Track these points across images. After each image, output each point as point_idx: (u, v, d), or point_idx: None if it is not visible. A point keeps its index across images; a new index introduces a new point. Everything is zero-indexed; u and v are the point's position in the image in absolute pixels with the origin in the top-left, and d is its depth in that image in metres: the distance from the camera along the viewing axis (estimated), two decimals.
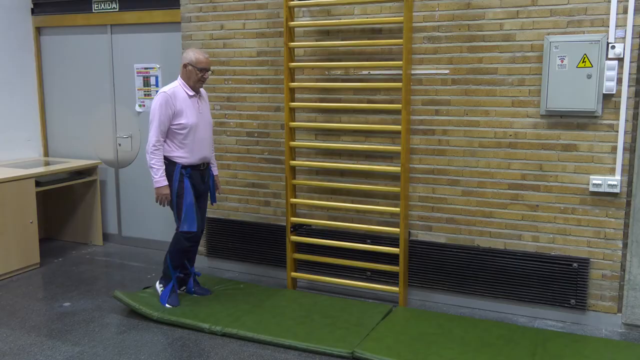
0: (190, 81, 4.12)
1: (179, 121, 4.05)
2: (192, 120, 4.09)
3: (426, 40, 4.23)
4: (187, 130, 4.07)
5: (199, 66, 4.08)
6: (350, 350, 3.58)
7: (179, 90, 4.10)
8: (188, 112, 4.08)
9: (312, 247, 4.69)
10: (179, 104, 4.05)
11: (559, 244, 4.03)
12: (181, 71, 4.14)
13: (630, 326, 3.92)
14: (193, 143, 4.12)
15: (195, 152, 4.14)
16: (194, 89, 4.14)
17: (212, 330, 3.90)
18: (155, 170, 4.06)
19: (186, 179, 4.12)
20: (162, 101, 4.03)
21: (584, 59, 3.79)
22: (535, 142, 4.01)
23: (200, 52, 4.12)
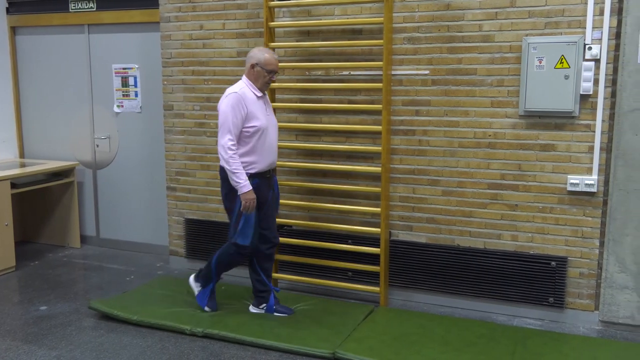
0: (257, 82, 3.85)
1: (251, 124, 3.76)
2: (263, 122, 3.81)
3: (406, 41, 4.25)
4: (258, 133, 3.79)
5: (268, 68, 3.82)
6: (332, 350, 3.57)
7: (248, 91, 3.82)
8: (259, 114, 3.80)
9: (293, 248, 4.67)
10: (249, 106, 3.77)
11: (537, 243, 4.07)
12: (247, 71, 3.86)
13: (607, 323, 3.98)
14: (263, 148, 3.84)
15: (265, 158, 3.87)
16: (260, 90, 3.88)
17: (193, 332, 3.86)
18: (239, 174, 3.73)
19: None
20: (234, 102, 3.73)
21: (561, 60, 3.84)
22: (514, 142, 4.05)
23: (269, 52, 3.86)
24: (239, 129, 3.75)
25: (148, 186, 5.61)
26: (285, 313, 4.09)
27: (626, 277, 3.86)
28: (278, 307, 4.12)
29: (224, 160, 3.73)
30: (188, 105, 5.04)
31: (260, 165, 3.86)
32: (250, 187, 3.76)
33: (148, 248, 5.66)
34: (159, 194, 5.47)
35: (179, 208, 5.20)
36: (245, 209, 3.79)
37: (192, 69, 4.99)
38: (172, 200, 5.23)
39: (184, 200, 5.17)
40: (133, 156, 5.66)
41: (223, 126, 3.74)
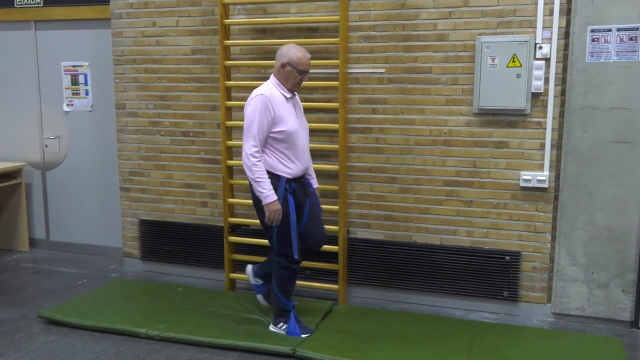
0: (287, 83, 3.59)
1: (279, 127, 3.52)
2: (293, 125, 3.57)
3: (362, 40, 4.26)
4: (288, 137, 3.55)
5: (300, 68, 3.55)
6: (291, 348, 3.55)
7: (276, 92, 3.56)
8: (287, 117, 3.55)
9: (250, 248, 4.63)
10: (277, 108, 3.52)
11: (492, 238, 4.15)
12: (277, 70, 3.60)
13: (559, 315, 4.09)
14: (296, 152, 3.61)
15: (299, 162, 3.64)
16: (290, 91, 3.64)
17: (149, 335, 3.78)
18: (262, 183, 3.48)
19: (290, 195, 3.62)
20: (261, 104, 3.48)
21: (513, 58, 3.93)
22: (468, 139, 4.12)
23: (301, 51, 3.58)
24: (264, 134, 3.51)
25: (100, 187, 5.46)
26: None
27: (577, 270, 3.98)
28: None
29: (247, 168, 3.51)
30: (141, 103, 4.93)
31: (294, 171, 3.63)
32: (276, 197, 3.50)
33: (101, 250, 5.52)
34: (111, 194, 5.33)
35: (133, 209, 5.09)
36: (270, 221, 3.55)
37: (145, 67, 4.88)
38: (125, 201, 5.11)
39: (138, 200, 5.06)
40: (84, 156, 5.50)
41: (248, 131, 3.50)
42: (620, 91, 3.75)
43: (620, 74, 3.74)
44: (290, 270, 3.72)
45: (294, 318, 3.76)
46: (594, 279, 3.95)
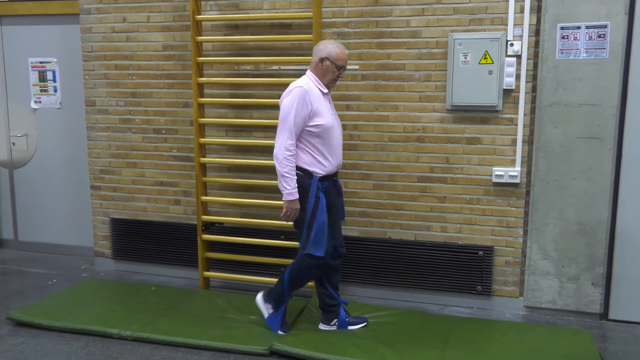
0: (325, 78, 3.51)
1: (316, 122, 3.43)
2: (329, 120, 3.48)
3: (336, 36, 4.26)
4: (324, 132, 3.47)
5: (339, 63, 3.48)
6: (267, 347, 3.54)
7: (313, 86, 3.48)
8: (324, 112, 3.47)
9: (225, 246, 4.60)
10: (315, 102, 3.43)
11: (465, 234, 4.19)
12: (314, 65, 3.52)
13: (530, 308, 4.15)
14: (330, 148, 3.52)
15: (333, 159, 3.55)
16: (327, 87, 3.55)
17: (121, 335, 3.73)
18: (289, 179, 3.40)
19: (322, 194, 3.51)
20: (299, 97, 3.39)
21: (485, 55, 3.97)
22: (441, 135, 4.14)
23: (340, 46, 3.51)
24: (300, 128, 3.42)
25: (70, 185, 5.36)
26: (359, 324, 3.79)
27: (548, 264, 4.04)
28: (351, 319, 3.81)
29: (277, 160, 3.40)
30: (112, 100, 4.85)
31: (328, 168, 3.54)
32: (297, 197, 3.44)
33: (71, 250, 5.42)
34: (82, 193, 5.24)
35: (104, 207, 5.00)
36: (285, 217, 3.49)
37: (115, 63, 4.80)
38: (96, 199, 5.02)
39: (109, 199, 4.98)
40: (53, 154, 5.39)
41: (283, 123, 3.41)
42: (589, 88, 3.81)
43: (589, 71, 3.80)
44: (311, 270, 3.60)
45: (281, 313, 3.70)
46: (564, 272, 4.01)
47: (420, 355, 3.42)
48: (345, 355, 3.42)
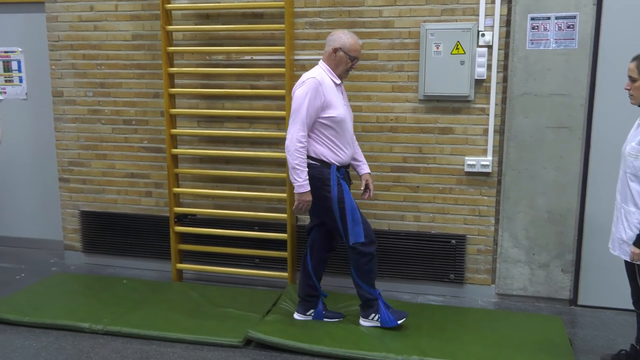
0: (337, 69, 3.46)
1: (329, 114, 3.39)
2: (342, 112, 3.45)
3: (308, 26, 4.23)
4: (337, 124, 3.43)
5: (352, 54, 3.44)
6: (240, 338, 3.52)
7: (326, 77, 3.44)
8: (337, 103, 3.43)
9: (198, 237, 4.56)
10: (327, 93, 3.39)
11: (438, 223, 4.23)
12: (327, 55, 3.47)
13: (502, 296, 4.21)
14: (343, 139, 3.49)
15: (347, 150, 3.53)
16: (339, 78, 3.51)
17: (92, 329, 3.67)
18: (300, 172, 3.35)
19: (343, 181, 3.48)
20: (312, 88, 3.34)
21: (457, 46, 3.99)
22: (414, 125, 4.16)
23: (353, 37, 3.46)
24: (312, 119, 3.38)
25: (37, 178, 5.24)
26: (335, 318, 3.76)
27: (519, 252, 4.10)
28: (327, 312, 3.78)
29: (289, 152, 3.35)
30: (80, 91, 4.75)
31: (343, 158, 3.51)
32: (308, 189, 3.38)
33: (40, 244, 5.31)
34: (50, 186, 5.13)
35: (74, 200, 4.91)
36: (298, 210, 3.44)
37: (83, 53, 4.70)
38: (65, 192, 4.92)
39: (78, 192, 4.89)
40: (19, 146, 5.25)
41: (295, 114, 3.36)
42: (559, 78, 3.86)
43: (559, 61, 3.85)
44: (367, 256, 3.53)
45: (383, 305, 3.59)
46: (535, 260, 4.08)
47: (394, 343, 3.44)
48: (320, 344, 3.43)
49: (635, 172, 2.87)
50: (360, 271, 3.55)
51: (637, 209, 2.87)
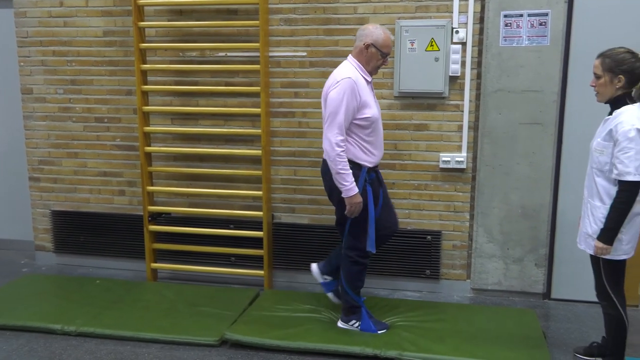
0: (369, 65, 3.33)
1: (365, 114, 3.27)
2: (376, 112, 3.33)
3: (283, 22, 4.21)
4: (372, 124, 3.31)
5: (385, 50, 3.30)
6: (217, 337, 3.49)
7: (358, 75, 3.30)
8: (371, 102, 3.31)
9: (172, 236, 4.51)
10: (362, 93, 3.26)
11: (414, 219, 4.24)
12: (358, 51, 3.33)
13: (477, 290, 4.25)
14: (377, 139, 3.38)
15: (379, 150, 3.43)
16: (370, 74, 3.38)
17: (65, 331, 3.61)
18: (345, 175, 3.22)
19: (369, 187, 3.37)
20: (348, 89, 3.20)
21: (431, 42, 4.00)
22: (390, 122, 4.17)
23: (386, 32, 3.32)
24: (349, 121, 3.25)
25: (6, 177, 5.13)
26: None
27: (494, 247, 4.14)
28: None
29: (329, 158, 3.24)
30: (50, 88, 4.66)
31: (376, 159, 3.42)
32: (357, 190, 3.27)
33: (9, 244, 5.20)
34: (19, 185, 5.01)
35: (44, 199, 4.82)
36: (350, 214, 3.32)
37: (53, 49, 4.61)
38: (35, 191, 4.83)
39: (49, 191, 4.80)
40: None
41: (332, 118, 3.22)
42: (531, 74, 3.91)
43: (531, 58, 3.89)
44: (360, 265, 3.49)
45: (366, 314, 3.55)
46: (509, 254, 4.13)
47: (372, 338, 3.44)
48: (298, 340, 3.42)
49: (601, 167, 2.91)
50: (351, 278, 3.50)
51: (602, 203, 2.91)
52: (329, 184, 3.42)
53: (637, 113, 2.82)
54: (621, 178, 2.79)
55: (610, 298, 3.00)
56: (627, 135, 2.77)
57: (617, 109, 2.88)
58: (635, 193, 2.80)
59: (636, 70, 2.82)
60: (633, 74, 2.83)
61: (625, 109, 2.85)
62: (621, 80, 2.84)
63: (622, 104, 2.87)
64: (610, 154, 2.84)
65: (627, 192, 2.80)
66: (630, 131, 2.76)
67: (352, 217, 3.36)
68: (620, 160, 2.78)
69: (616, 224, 2.85)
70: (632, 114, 2.82)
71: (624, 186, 2.80)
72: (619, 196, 2.82)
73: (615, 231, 2.86)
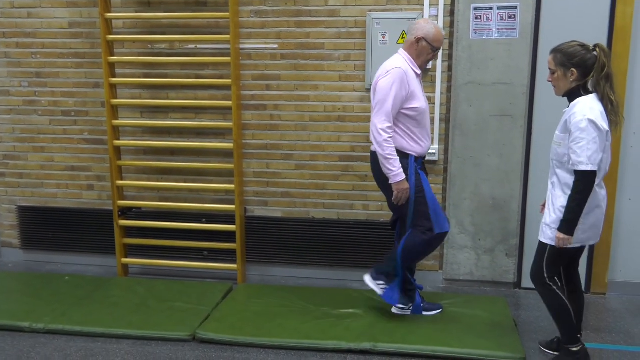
0: (419, 59, 3.38)
1: (413, 105, 3.33)
2: (423, 104, 3.39)
3: (253, 14, 4.17)
4: (419, 115, 3.37)
5: (436, 44, 3.35)
6: (190, 332, 3.46)
7: (409, 67, 3.35)
8: (419, 94, 3.38)
9: (143, 231, 4.45)
10: (411, 84, 3.32)
11: (386, 211, 4.24)
12: (409, 45, 3.37)
13: (450, 281, 4.30)
14: (423, 130, 3.43)
15: (426, 141, 3.46)
16: (420, 68, 3.42)
17: (33, 328, 3.54)
18: (393, 161, 3.28)
19: (421, 171, 3.43)
20: (397, 79, 3.27)
21: (402, 35, 4.01)
22: (362, 115, 4.17)
23: (437, 27, 3.37)
24: (397, 110, 3.31)
25: None
26: (435, 310, 3.70)
27: (465, 238, 4.18)
28: (426, 304, 3.72)
29: (377, 144, 3.30)
30: (14, 81, 4.54)
31: (422, 150, 3.45)
32: (404, 176, 3.33)
33: None
34: None
35: (10, 195, 4.71)
36: (397, 200, 3.37)
37: (17, 41, 4.49)
38: (1, 187, 4.71)
39: (15, 186, 4.68)
40: None
41: (381, 105, 3.28)
42: (501, 67, 3.95)
43: (501, 51, 3.93)
44: (425, 243, 3.45)
45: (399, 286, 3.54)
46: (480, 245, 4.18)
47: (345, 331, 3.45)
48: (272, 337, 3.41)
49: (560, 158, 2.96)
50: (409, 249, 3.47)
51: (563, 194, 2.95)
52: (380, 177, 3.45)
53: (590, 104, 2.86)
54: (575, 168, 2.84)
55: (545, 283, 3.05)
56: (578, 125, 2.81)
57: (573, 101, 2.93)
58: (590, 182, 2.83)
59: (587, 62, 2.86)
60: (585, 66, 2.86)
61: (579, 100, 2.90)
62: (574, 74, 2.88)
63: (577, 96, 2.92)
64: (567, 146, 2.89)
65: (582, 181, 2.82)
66: (582, 121, 2.80)
67: (399, 204, 3.40)
68: (574, 150, 2.83)
69: (575, 215, 2.87)
70: (585, 105, 2.86)
71: (578, 176, 2.83)
72: (575, 186, 2.85)
73: (575, 222, 2.88)
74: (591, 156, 2.79)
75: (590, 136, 2.79)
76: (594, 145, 2.79)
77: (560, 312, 3.08)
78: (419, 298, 3.72)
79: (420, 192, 3.41)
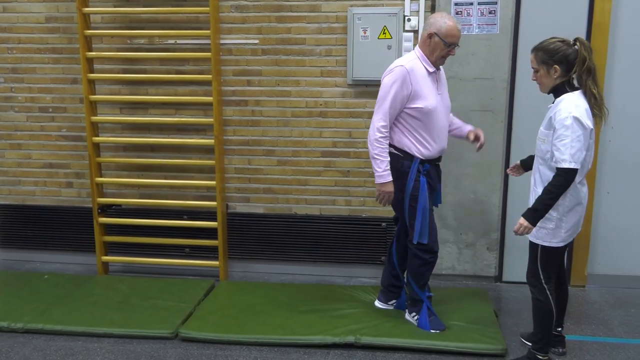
0: (432, 55, 3.25)
1: (416, 104, 3.21)
2: (432, 103, 3.24)
3: (234, 9, 4.14)
4: (425, 115, 3.24)
5: (449, 40, 3.19)
6: (172, 330, 3.44)
7: (418, 64, 3.24)
8: (427, 93, 3.23)
9: (124, 228, 4.40)
10: (417, 83, 3.20)
11: (368, 207, 4.27)
12: (422, 40, 3.27)
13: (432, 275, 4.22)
14: (432, 132, 3.29)
15: (436, 143, 3.32)
16: (434, 65, 3.29)
17: (11, 328, 3.49)
18: (380, 162, 3.24)
19: (423, 177, 3.31)
20: (399, 78, 3.18)
21: (384, 30, 4.01)
22: (344, 110, 4.17)
23: (452, 20, 3.22)
24: (396, 109, 3.23)
25: None
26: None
27: (448, 232, 4.20)
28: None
29: (369, 142, 3.26)
30: None
31: (429, 152, 3.32)
32: (390, 179, 3.26)
33: None
34: None
35: None
36: (379, 201, 3.34)
37: None
38: None
39: None
40: None
41: (379, 104, 3.24)
42: (482, 62, 3.97)
43: (481, 46, 3.95)
44: (421, 260, 3.40)
45: (426, 310, 3.46)
46: (462, 239, 4.20)
47: (330, 326, 3.45)
48: (256, 334, 3.40)
49: (543, 155, 2.96)
50: (413, 271, 3.46)
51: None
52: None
53: (575, 101, 2.85)
54: (557, 165, 2.82)
55: (541, 284, 3.03)
56: (563, 122, 2.80)
57: (557, 98, 2.94)
58: (570, 180, 2.81)
59: (569, 57, 2.85)
60: (567, 61, 2.86)
61: (564, 97, 2.90)
62: (557, 70, 2.88)
63: (562, 92, 2.91)
64: (550, 142, 2.88)
65: (562, 177, 2.80)
66: (567, 119, 2.79)
67: (382, 205, 3.39)
68: (557, 147, 2.81)
69: (545, 207, 2.85)
70: (570, 102, 2.85)
71: (560, 172, 2.81)
72: (554, 180, 2.83)
73: (542, 213, 2.86)
74: (574, 154, 2.78)
75: (575, 134, 2.79)
76: (578, 143, 2.79)
77: (544, 317, 3.06)
78: (404, 296, 3.68)
79: (414, 201, 3.33)
